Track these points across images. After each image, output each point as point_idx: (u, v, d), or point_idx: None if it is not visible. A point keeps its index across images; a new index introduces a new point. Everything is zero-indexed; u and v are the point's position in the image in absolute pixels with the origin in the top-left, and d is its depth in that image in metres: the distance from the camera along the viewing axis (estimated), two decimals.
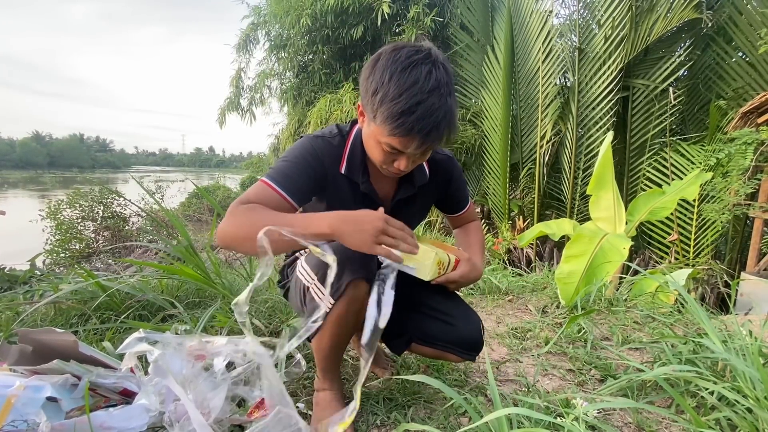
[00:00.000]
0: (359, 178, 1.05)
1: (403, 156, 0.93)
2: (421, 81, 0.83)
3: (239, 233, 0.86)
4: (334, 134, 1.07)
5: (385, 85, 0.85)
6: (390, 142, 0.89)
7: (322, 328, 0.98)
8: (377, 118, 0.88)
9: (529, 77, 5.96)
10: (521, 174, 6.27)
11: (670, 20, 4.66)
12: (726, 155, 4.23)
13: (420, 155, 0.95)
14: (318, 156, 1.02)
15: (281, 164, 1.00)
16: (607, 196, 2.49)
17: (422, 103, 0.83)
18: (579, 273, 1.97)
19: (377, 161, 0.98)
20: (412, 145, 0.88)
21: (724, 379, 1.09)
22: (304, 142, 1.04)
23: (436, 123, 0.85)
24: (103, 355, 1.03)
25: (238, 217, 0.88)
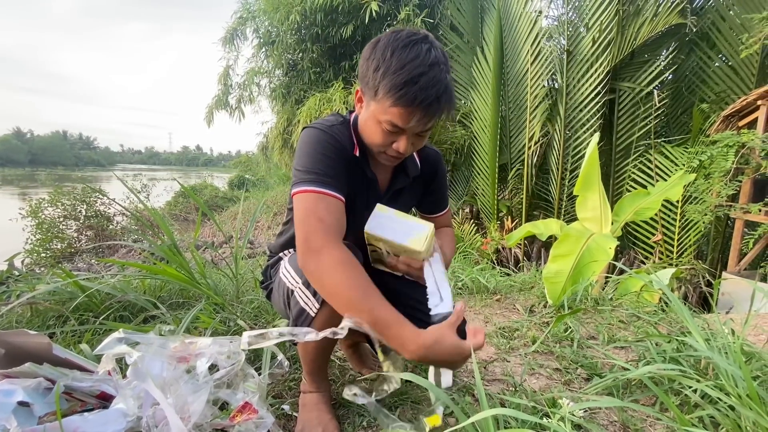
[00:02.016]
0: (365, 164, 1.06)
1: (403, 135, 0.93)
2: (422, 56, 0.86)
3: (344, 299, 0.80)
4: (340, 121, 1.06)
5: (387, 60, 0.86)
6: (391, 117, 0.89)
7: None
8: (379, 92, 0.88)
9: (518, 79, 6.01)
10: (510, 174, 6.32)
11: (656, 24, 4.74)
12: (708, 157, 4.32)
13: (418, 137, 0.96)
14: (339, 144, 0.99)
15: (313, 164, 0.93)
16: (594, 196, 2.52)
17: (424, 75, 0.85)
18: (566, 272, 1.98)
19: (376, 144, 0.97)
20: (414, 118, 0.88)
21: (708, 377, 1.11)
22: (319, 133, 0.98)
23: (437, 95, 0.87)
24: (80, 357, 0.99)
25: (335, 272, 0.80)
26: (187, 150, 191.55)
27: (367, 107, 0.96)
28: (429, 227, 0.98)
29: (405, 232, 0.97)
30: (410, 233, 0.97)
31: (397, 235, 0.97)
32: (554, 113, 5.78)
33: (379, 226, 0.97)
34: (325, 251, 0.82)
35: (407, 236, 0.97)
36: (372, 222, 0.97)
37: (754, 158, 4.14)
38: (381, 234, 0.96)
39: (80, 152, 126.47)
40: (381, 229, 0.97)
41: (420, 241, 0.96)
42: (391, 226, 0.98)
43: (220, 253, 3.95)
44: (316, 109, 6.93)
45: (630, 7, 5.01)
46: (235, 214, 10.42)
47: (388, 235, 0.96)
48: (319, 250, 0.83)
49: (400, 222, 0.98)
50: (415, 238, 0.96)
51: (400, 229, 0.98)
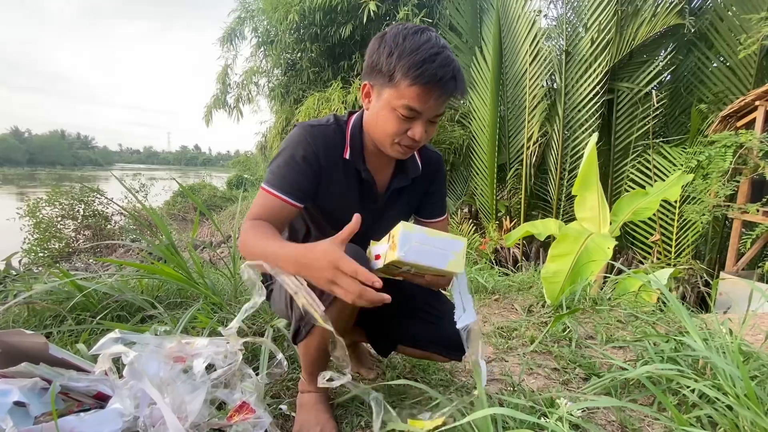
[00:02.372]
0: (360, 165, 1.05)
1: (419, 121, 0.93)
2: (433, 39, 0.89)
3: (246, 254, 0.92)
4: (330, 122, 1.06)
5: (401, 45, 0.88)
6: (409, 100, 0.89)
7: (312, 333, 0.96)
8: (396, 75, 0.89)
9: (516, 79, 6.01)
10: (508, 175, 6.33)
11: (654, 25, 4.75)
12: (706, 158, 4.33)
13: (430, 125, 0.96)
14: (313, 147, 1.00)
15: (278, 164, 1.00)
16: (592, 196, 2.52)
17: (440, 54, 0.88)
18: (564, 272, 1.98)
19: (390, 134, 0.95)
20: (432, 97, 0.89)
21: (705, 376, 1.11)
22: (298, 133, 1.02)
23: (453, 74, 0.89)
24: (76, 357, 0.99)
25: (244, 236, 0.93)
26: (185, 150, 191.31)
27: (378, 98, 0.95)
28: (463, 244, 0.89)
29: (442, 254, 0.88)
30: (447, 255, 0.89)
31: (435, 259, 0.87)
32: (553, 113, 5.79)
33: (414, 251, 0.86)
34: (244, 227, 0.95)
35: (446, 259, 0.88)
36: (404, 247, 0.85)
37: (752, 158, 4.15)
38: (416, 261, 0.86)
39: (78, 152, 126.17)
40: (416, 254, 0.86)
41: (459, 263, 0.89)
42: (425, 250, 0.87)
43: (218, 253, 3.95)
44: (314, 108, 6.92)
45: (628, 7, 5.02)
46: (234, 214, 10.42)
47: (424, 261, 0.86)
48: (242, 226, 0.96)
49: (434, 242, 0.88)
50: (454, 260, 0.89)
51: (435, 251, 0.88)
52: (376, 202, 1.12)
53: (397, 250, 0.85)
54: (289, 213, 0.99)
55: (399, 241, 0.87)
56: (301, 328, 0.96)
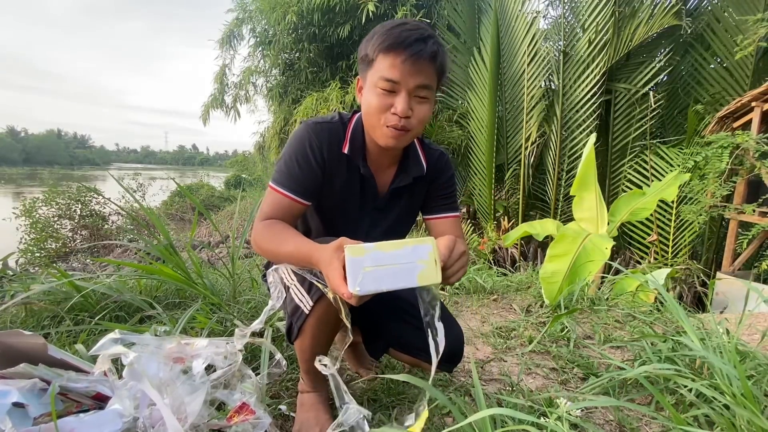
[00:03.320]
0: (360, 161, 1.06)
1: (400, 94, 0.93)
2: (411, 22, 0.94)
3: (265, 252, 0.98)
4: (334, 120, 1.08)
5: (380, 31, 0.94)
6: (383, 71, 0.91)
7: (303, 330, 0.96)
8: (369, 52, 0.94)
9: (514, 79, 6.02)
10: (506, 175, 6.34)
11: (652, 26, 4.77)
12: (703, 158, 4.35)
13: (417, 101, 0.95)
14: (317, 144, 1.02)
15: (284, 162, 1.03)
16: (590, 197, 2.53)
17: (408, 23, 0.93)
18: (562, 272, 1.99)
19: (374, 109, 0.96)
20: (400, 61, 0.90)
21: (702, 376, 1.11)
22: (303, 131, 1.04)
23: (422, 36, 0.91)
24: (75, 358, 0.99)
25: (258, 236, 0.97)
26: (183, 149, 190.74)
27: (365, 86, 0.99)
28: (431, 246, 0.77)
29: (407, 268, 0.75)
30: (414, 267, 0.75)
31: (400, 278, 0.74)
32: (551, 114, 5.80)
33: (369, 279, 0.72)
34: (255, 225, 0.99)
35: (413, 272, 0.75)
36: (356, 279, 0.72)
37: (748, 159, 4.17)
38: (377, 288, 0.73)
39: (75, 151, 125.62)
40: (374, 281, 0.73)
41: (432, 271, 0.75)
42: (383, 273, 0.74)
43: (217, 253, 3.94)
44: (312, 108, 6.92)
45: (626, 8, 5.03)
46: (232, 214, 10.40)
47: (387, 285, 0.74)
48: (254, 227, 1.00)
49: (392, 257, 0.75)
50: (425, 270, 0.75)
51: (397, 269, 0.75)
52: (377, 201, 1.12)
53: (349, 284, 0.72)
54: (298, 210, 1.02)
55: (349, 272, 0.73)
56: (293, 325, 0.97)
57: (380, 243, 0.76)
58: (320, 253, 0.82)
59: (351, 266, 0.73)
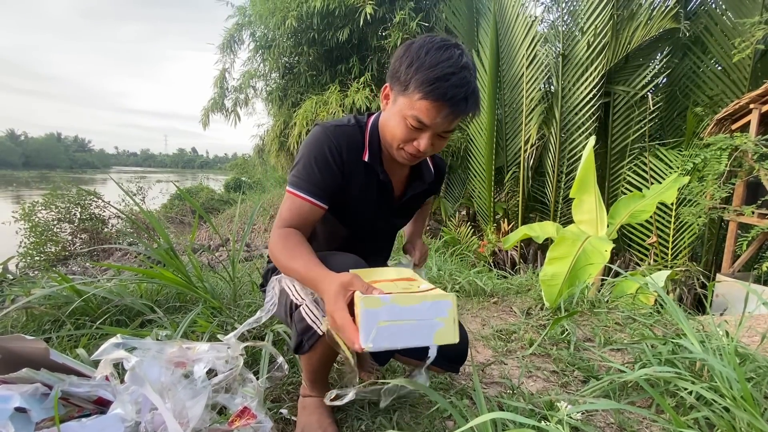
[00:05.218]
0: (378, 167, 1.06)
1: (426, 133, 0.94)
2: (455, 58, 0.90)
3: (276, 261, 0.97)
4: (351, 123, 1.07)
5: (422, 58, 0.90)
6: (418, 112, 0.91)
7: (314, 348, 0.96)
8: (410, 86, 0.91)
9: (513, 82, 6.04)
10: (506, 177, 6.35)
11: (650, 29, 4.80)
12: (702, 160, 4.36)
13: (439, 139, 0.97)
14: (336, 147, 1.02)
15: (303, 165, 1.01)
16: (590, 199, 2.54)
17: (455, 75, 0.88)
18: (562, 275, 1.99)
19: (397, 139, 0.97)
20: (441, 115, 0.90)
21: (703, 379, 1.12)
22: (320, 134, 1.03)
23: (465, 95, 0.90)
24: (77, 362, 0.99)
25: (275, 246, 0.97)
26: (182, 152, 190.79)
27: (393, 103, 0.98)
28: (451, 303, 0.72)
29: (424, 326, 0.71)
30: (432, 324, 0.71)
31: (416, 336, 0.71)
32: (550, 116, 5.82)
33: (384, 336, 0.69)
34: (273, 232, 0.99)
35: (431, 330, 0.71)
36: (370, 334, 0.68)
37: (747, 161, 4.19)
38: (390, 345, 0.69)
39: (75, 154, 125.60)
40: (389, 338, 0.69)
41: (450, 330, 0.71)
42: (399, 329, 0.69)
43: (217, 256, 3.94)
44: (312, 111, 6.93)
45: (624, 11, 5.06)
46: (232, 217, 10.39)
47: (402, 343, 0.70)
48: (272, 233, 1.00)
49: (410, 312, 0.70)
50: (443, 329, 0.71)
51: (413, 325, 0.70)
52: (392, 205, 1.15)
53: (361, 337, 0.68)
54: (317, 214, 1.01)
55: (362, 325, 0.68)
56: (304, 341, 0.96)
57: (397, 295, 0.71)
58: (326, 285, 0.80)
59: (365, 319, 0.68)
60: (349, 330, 0.72)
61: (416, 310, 0.70)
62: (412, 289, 0.82)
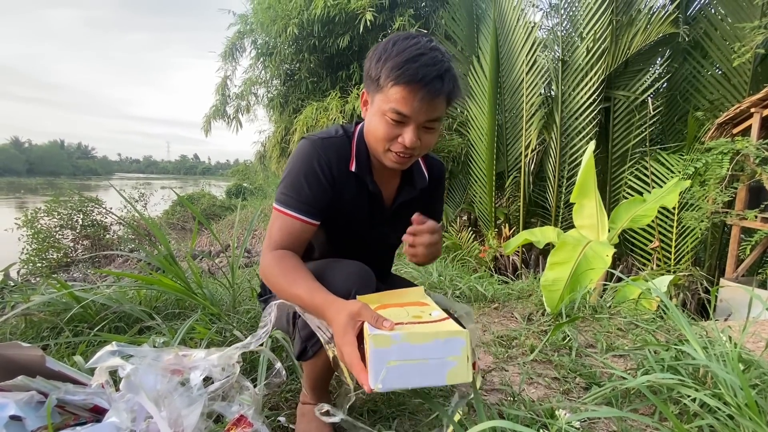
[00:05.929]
0: (367, 177, 1.03)
1: (409, 126, 0.89)
2: (423, 42, 0.88)
3: (273, 287, 0.94)
4: (339, 134, 1.04)
5: (389, 49, 0.88)
6: (395, 103, 0.87)
7: (318, 354, 0.95)
8: (381, 79, 0.88)
9: (514, 88, 6.06)
10: (507, 182, 6.35)
11: (649, 34, 4.81)
12: (703, 164, 4.35)
13: (425, 132, 0.92)
14: (326, 161, 0.98)
15: (291, 182, 0.97)
16: (590, 204, 2.53)
17: (425, 54, 0.85)
18: (563, 280, 1.98)
19: (381, 139, 0.93)
20: (417, 98, 0.85)
21: (706, 386, 1.10)
22: (307, 147, 1.00)
23: (439, 73, 0.86)
24: (73, 370, 0.98)
25: (269, 270, 0.93)
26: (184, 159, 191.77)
27: (371, 105, 0.94)
28: (464, 341, 0.69)
29: (436, 365, 0.67)
30: (444, 363, 0.68)
31: (427, 376, 0.68)
32: (550, 121, 5.83)
33: (394, 375, 0.66)
34: (265, 255, 0.96)
35: (443, 369, 0.68)
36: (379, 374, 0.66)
37: (748, 165, 4.17)
38: (402, 386, 0.68)
39: (78, 161, 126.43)
40: (399, 378, 0.66)
41: (463, 370, 0.68)
42: (410, 368, 0.67)
43: (217, 263, 3.94)
44: (312, 117, 6.97)
45: (623, 17, 5.08)
46: (233, 223, 10.41)
47: (413, 383, 0.68)
48: (263, 256, 0.96)
49: (421, 351, 0.68)
50: (455, 368, 0.68)
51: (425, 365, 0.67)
52: (384, 215, 1.11)
53: (371, 378, 0.65)
54: (309, 232, 0.98)
55: (371, 365, 0.66)
56: (308, 348, 0.95)
57: (408, 333, 0.68)
58: (333, 314, 0.77)
59: (374, 359, 0.66)
60: (358, 369, 0.69)
61: (428, 349, 0.67)
62: (423, 317, 0.78)
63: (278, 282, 0.90)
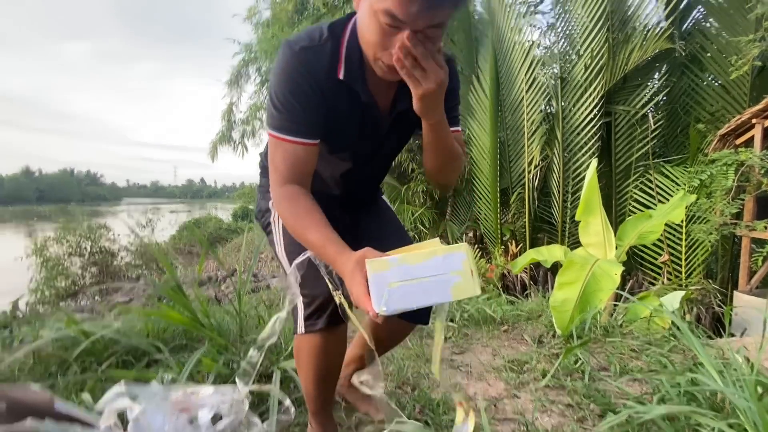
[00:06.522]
0: (359, 85, 0.91)
1: (404, 35, 0.75)
2: None
3: (289, 228, 0.92)
4: (324, 38, 0.89)
5: None
6: (389, 4, 0.72)
7: (301, 363, 0.96)
8: None
9: (514, 105, 6.12)
10: (512, 199, 6.34)
11: (646, 50, 4.87)
12: (708, 176, 4.33)
13: (423, 36, 0.77)
14: (310, 72, 0.87)
15: (280, 102, 0.88)
16: (596, 221, 2.52)
17: None
18: (573, 300, 1.95)
19: (373, 46, 0.80)
20: (417, 8, 0.71)
21: (724, 411, 1.07)
22: (289, 59, 0.88)
23: None
24: (81, 412, 0.98)
25: (284, 210, 0.91)
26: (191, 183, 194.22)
27: (363, 1, 0.80)
28: (465, 255, 0.68)
29: (440, 282, 0.67)
30: (448, 279, 0.67)
31: (432, 293, 0.67)
32: (552, 137, 5.86)
33: (397, 297, 0.66)
34: (275, 191, 0.93)
35: (448, 285, 0.67)
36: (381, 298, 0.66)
37: (754, 176, 4.14)
38: (406, 306, 0.67)
39: (87, 188, 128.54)
40: (403, 299, 0.66)
41: (469, 283, 0.67)
42: (413, 288, 0.66)
43: (224, 289, 3.93)
44: None
45: (619, 34, 5.16)
46: (239, 246, 10.44)
47: (417, 303, 0.67)
48: (273, 191, 0.94)
49: (422, 269, 0.67)
50: (460, 282, 0.67)
51: (428, 283, 0.67)
52: (379, 126, 1.00)
53: (374, 302, 0.66)
54: (314, 153, 0.92)
55: (373, 290, 0.66)
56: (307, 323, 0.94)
57: (406, 254, 0.68)
58: (342, 264, 0.77)
59: (375, 283, 0.66)
60: (363, 299, 0.69)
61: (428, 267, 0.67)
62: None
63: (292, 224, 0.90)
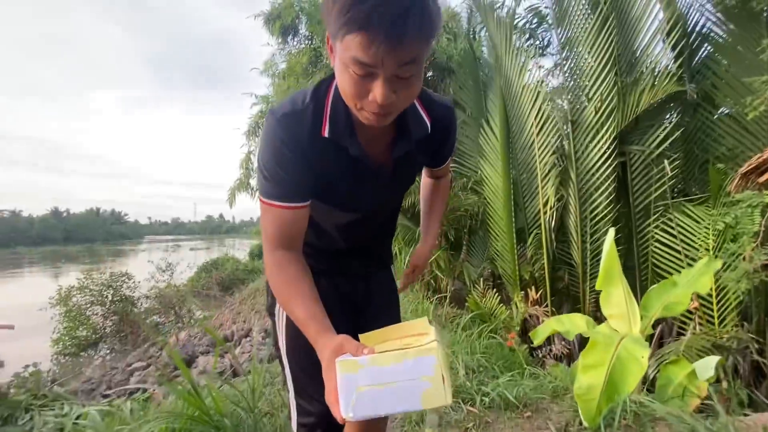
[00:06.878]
0: (347, 140, 0.89)
1: (377, 79, 0.73)
2: None
3: (278, 298, 0.95)
4: (305, 103, 0.89)
5: None
6: (353, 51, 0.69)
7: None
8: (335, 23, 0.70)
9: (526, 146, 6.13)
10: (529, 240, 6.24)
11: (656, 93, 4.87)
12: (733, 218, 4.18)
13: (400, 82, 0.75)
14: (292, 138, 0.88)
15: (266, 170, 0.90)
16: (618, 292, 2.43)
17: None
18: (598, 387, 1.85)
19: (351, 97, 0.78)
20: (374, 45, 0.67)
21: None
22: (272, 126, 0.88)
23: (402, 9, 0.66)
24: None
25: (273, 277, 0.94)
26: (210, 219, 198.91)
27: (335, 55, 0.78)
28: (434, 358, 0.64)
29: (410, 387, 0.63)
30: (418, 385, 0.63)
31: (402, 399, 0.63)
32: (566, 178, 5.81)
33: (365, 402, 0.63)
34: (267, 256, 0.94)
35: (418, 391, 0.63)
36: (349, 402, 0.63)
37: None
38: (374, 412, 0.63)
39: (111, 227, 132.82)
40: (371, 404, 0.63)
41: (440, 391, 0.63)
42: (382, 392, 0.63)
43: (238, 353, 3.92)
44: None
45: (628, 78, 5.18)
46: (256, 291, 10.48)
47: (386, 409, 0.64)
48: (265, 255, 0.95)
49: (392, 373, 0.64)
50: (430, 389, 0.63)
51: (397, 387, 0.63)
52: (379, 176, 1.00)
53: (342, 406, 0.63)
54: (302, 216, 0.94)
55: (341, 393, 0.64)
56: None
57: (376, 356, 0.65)
58: (320, 349, 0.76)
59: (343, 386, 0.63)
60: (333, 398, 0.66)
61: (398, 372, 0.63)
62: (412, 344, 0.71)
63: (280, 292, 0.92)
